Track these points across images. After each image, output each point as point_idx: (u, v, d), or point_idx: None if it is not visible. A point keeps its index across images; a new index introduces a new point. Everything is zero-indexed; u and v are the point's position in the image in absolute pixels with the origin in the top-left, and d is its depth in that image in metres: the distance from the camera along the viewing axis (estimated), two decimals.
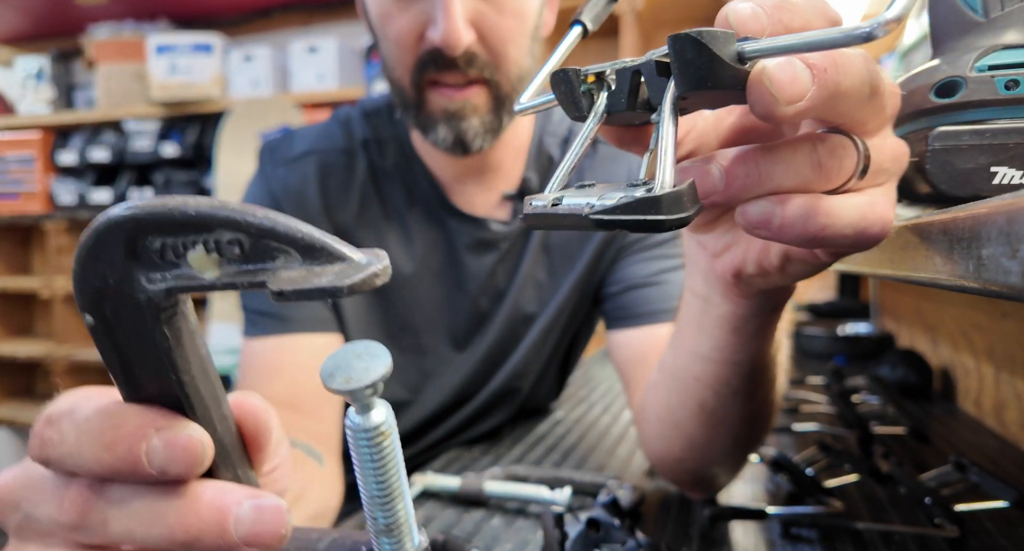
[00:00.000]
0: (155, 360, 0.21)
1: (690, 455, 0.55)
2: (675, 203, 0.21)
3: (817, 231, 0.24)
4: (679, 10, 2.19)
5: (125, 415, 0.22)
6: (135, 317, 0.20)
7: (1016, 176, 0.30)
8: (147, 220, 0.19)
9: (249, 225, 0.19)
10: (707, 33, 0.21)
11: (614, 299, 0.76)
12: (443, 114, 0.66)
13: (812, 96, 0.22)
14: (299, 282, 0.18)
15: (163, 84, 2.52)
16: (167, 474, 0.21)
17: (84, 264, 0.20)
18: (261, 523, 0.22)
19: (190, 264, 0.19)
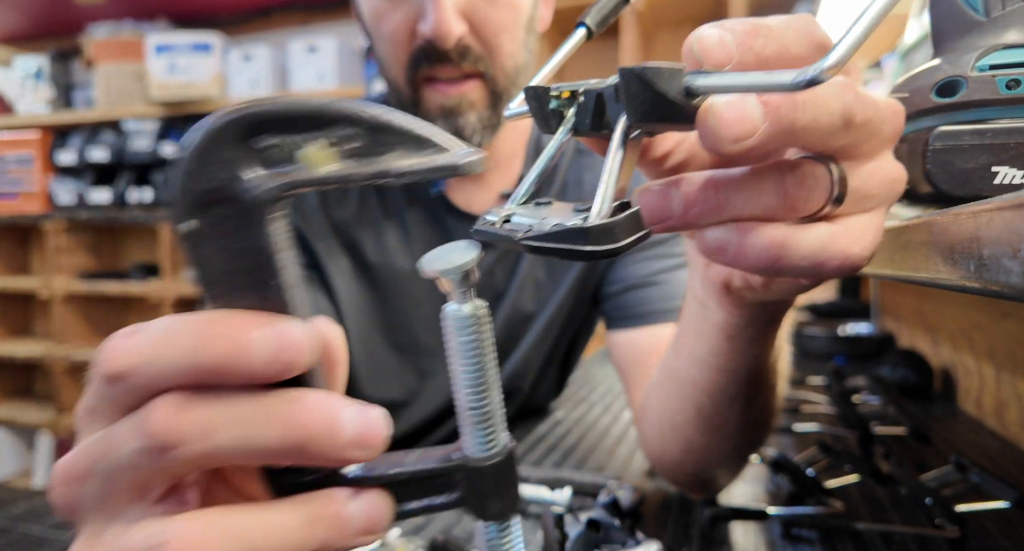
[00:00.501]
0: (257, 268, 0.20)
1: (689, 458, 0.55)
2: (605, 235, 0.22)
3: (771, 262, 0.24)
4: (679, 10, 2.18)
5: (224, 312, 0.21)
6: (241, 221, 0.20)
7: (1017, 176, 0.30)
8: (264, 116, 0.19)
9: (367, 118, 0.19)
10: (651, 69, 0.21)
11: (614, 299, 0.75)
12: (440, 111, 0.66)
13: (764, 133, 0.21)
14: (419, 165, 0.20)
15: (162, 84, 2.52)
16: (277, 360, 0.20)
17: (193, 165, 0.19)
18: (367, 425, 0.21)
19: (303, 161, 0.20)
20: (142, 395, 0.20)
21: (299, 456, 0.20)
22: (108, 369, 0.20)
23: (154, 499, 0.21)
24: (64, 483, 0.22)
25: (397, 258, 0.76)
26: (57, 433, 2.80)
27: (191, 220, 0.20)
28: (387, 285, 0.76)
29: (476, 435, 0.23)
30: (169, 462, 0.20)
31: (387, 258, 0.76)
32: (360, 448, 0.21)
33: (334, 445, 0.20)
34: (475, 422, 0.23)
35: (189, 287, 2.56)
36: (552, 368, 0.86)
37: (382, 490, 0.23)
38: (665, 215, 0.23)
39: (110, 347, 0.20)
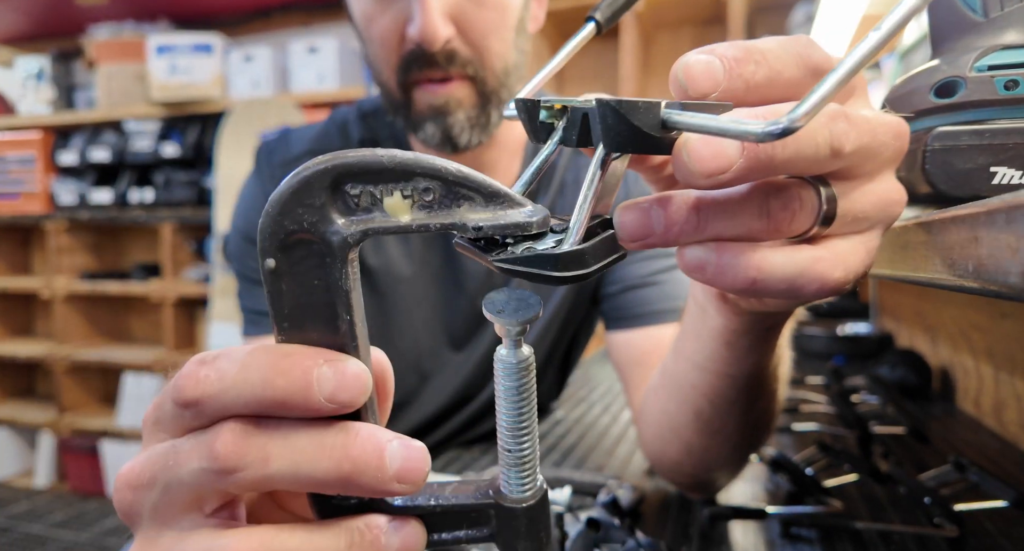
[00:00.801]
0: (329, 303, 0.22)
1: (688, 460, 0.55)
2: (574, 260, 0.22)
3: (748, 284, 0.23)
4: (679, 10, 2.19)
5: (292, 347, 0.22)
6: (320, 260, 0.21)
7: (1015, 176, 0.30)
8: (354, 168, 0.21)
9: (448, 172, 0.21)
10: (627, 104, 0.21)
11: (612, 299, 0.75)
12: (429, 110, 0.66)
13: (740, 168, 0.21)
14: (491, 220, 0.21)
15: (163, 84, 2.52)
16: (336, 400, 0.21)
17: (284, 207, 0.21)
18: (410, 460, 0.22)
19: (385, 209, 0.21)
20: (210, 419, 0.22)
21: (347, 488, 0.22)
22: (182, 396, 0.22)
23: (208, 512, 0.23)
24: (127, 488, 0.23)
25: (396, 262, 0.76)
26: (58, 433, 2.80)
27: (274, 258, 0.21)
28: (387, 289, 0.76)
29: (512, 476, 0.24)
30: (228, 484, 0.22)
31: (386, 262, 0.76)
32: (403, 483, 0.22)
33: (380, 479, 0.22)
34: (512, 464, 0.24)
35: (189, 287, 2.56)
36: (552, 368, 0.86)
37: (418, 521, 0.24)
38: (645, 233, 0.24)
39: (186, 374, 0.22)
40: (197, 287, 2.53)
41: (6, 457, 2.95)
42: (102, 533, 2.41)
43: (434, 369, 0.79)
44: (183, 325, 2.69)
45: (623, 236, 0.24)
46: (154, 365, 2.61)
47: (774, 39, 0.24)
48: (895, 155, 0.26)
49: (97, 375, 2.94)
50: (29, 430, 2.94)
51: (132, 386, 2.71)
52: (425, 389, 0.80)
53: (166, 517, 0.23)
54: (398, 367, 0.78)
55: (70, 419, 2.75)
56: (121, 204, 2.69)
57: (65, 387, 2.79)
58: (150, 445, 0.24)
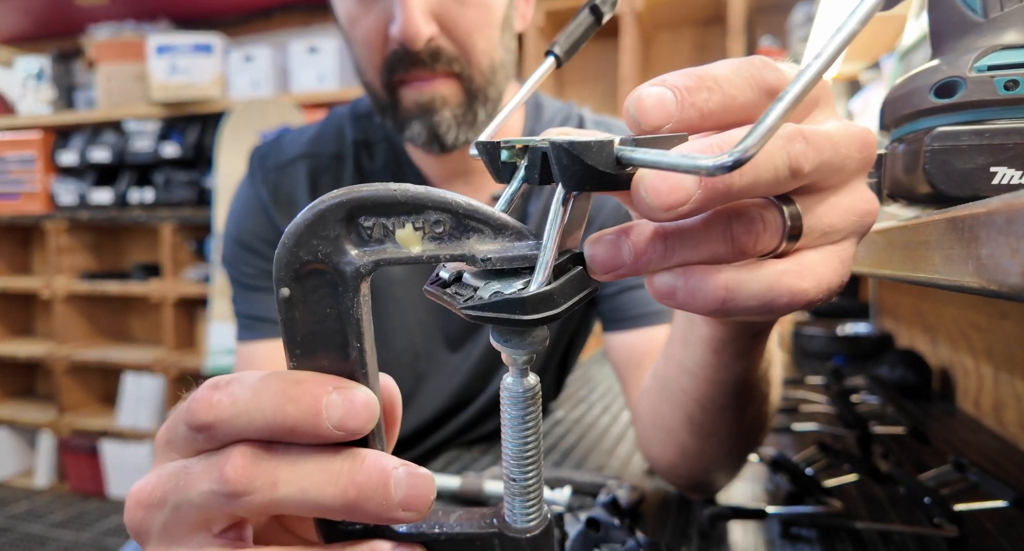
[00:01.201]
0: (340, 331, 0.23)
1: (684, 462, 0.55)
2: (542, 302, 0.22)
3: (719, 305, 0.24)
4: (678, 10, 2.19)
5: (303, 374, 0.23)
6: (333, 290, 0.22)
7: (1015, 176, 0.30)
8: (367, 202, 0.21)
9: (459, 206, 0.22)
10: (579, 145, 0.21)
11: (609, 301, 0.75)
12: (415, 108, 0.66)
13: (698, 200, 0.21)
14: (499, 252, 0.22)
15: (163, 84, 2.52)
16: (344, 427, 0.22)
17: (299, 239, 0.22)
18: (415, 487, 0.23)
19: (397, 241, 0.22)
20: (221, 442, 0.23)
21: (352, 514, 0.22)
22: (196, 420, 0.22)
23: (216, 532, 0.23)
24: (138, 507, 0.24)
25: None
26: (58, 433, 2.80)
27: (289, 287, 0.22)
28: (381, 291, 0.76)
29: (517, 505, 0.25)
30: (237, 506, 0.22)
31: None
32: (407, 510, 0.23)
33: (385, 506, 0.22)
34: (517, 493, 0.24)
35: (189, 287, 2.56)
36: (550, 370, 0.86)
37: (422, 548, 0.25)
38: (615, 265, 0.24)
39: (199, 398, 0.23)
40: (197, 287, 2.53)
41: (6, 457, 2.95)
42: (102, 533, 2.41)
43: (431, 370, 0.79)
44: (183, 325, 2.69)
45: (594, 268, 0.24)
46: (154, 365, 2.61)
47: (727, 63, 0.24)
48: (862, 166, 0.25)
49: (97, 375, 2.94)
50: (29, 430, 2.94)
51: (132, 386, 2.71)
52: (423, 391, 0.79)
53: (175, 536, 0.23)
54: (394, 369, 0.78)
55: (70, 419, 2.75)
56: (121, 204, 2.69)
57: (65, 387, 2.79)
58: (162, 464, 0.24)
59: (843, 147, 0.24)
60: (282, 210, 0.74)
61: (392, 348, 0.77)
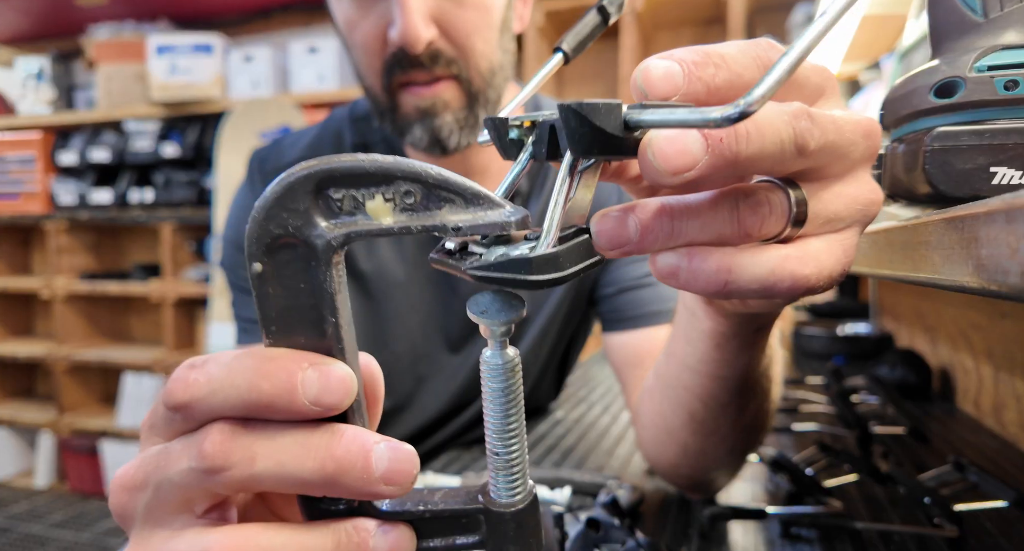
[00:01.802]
0: (315, 306, 0.22)
1: (685, 461, 0.55)
2: (548, 264, 0.22)
3: (720, 286, 0.24)
4: (678, 10, 2.19)
5: (278, 351, 0.23)
6: (306, 264, 0.22)
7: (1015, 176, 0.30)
8: (336, 172, 0.21)
9: (428, 175, 0.21)
10: (587, 106, 0.22)
11: (608, 301, 0.75)
12: (416, 113, 0.66)
13: (705, 165, 0.21)
14: (470, 221, 0.22)
15: (163, 84, 2.52)
16: (320, 403, 0.22)
17: (268, 212, 0.21)
18: (398, 462, 0.23)
19: (367, 212, 0.22)
20: (199, 422, 0.23)
21: (332, 488, 0.22)
22: (172, 399, 0.22)
23: (199, 512, 0.23)
24: (121, 490, 0.24)
25: (390, 266, 0.76)
26: (58, 433, 2.80)
27: (261, 262, 0.22)
28: (381, 294, 0.76)
29: (501, 480, 0.24)
30: (215, 483, 0.22)
31: (380, 266, 0.76)
32: (389, 485, 0.22)
33: (366, 480, 0.22)
34: (499, 467, 0.24)
35: (189, 287, 2.56)
36: (550, 370, 0.86)
37: (407, 526, 0.24)
38: (621, 241, 0.24)
39: (176, 378, 0.23)
40: (197, 287, 2.53)
41: (6, 457, 2.95)
42: (102, 533, 2.41)
43: (431, 372, 0.79)
44: (183, 325, 2.69)
45: (600, 244, 0.24)
46: (154, 365, 2.61)
47: (734, 43, 0.24)
48: (867, 154, 0.26)
49: (97, 375, 2.94)
50: (29, 430, 2.94)
51: (132, 386, 2.71)
52: (423, 392, 0.79)
53: (158, 517, 0.23)
54: (395, 370, 0.78)
55: (70, 419, 2.75)
56: (121, 204, 2.69)
57: (65, 387, 2.79)
58: (145, 448, 0.24)
59: (848, 132, 0.25)
60: None
61: (393, 350, 0.77)
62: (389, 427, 0.79)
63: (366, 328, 0.76)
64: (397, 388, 0.78)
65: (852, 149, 0.25)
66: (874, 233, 0.36)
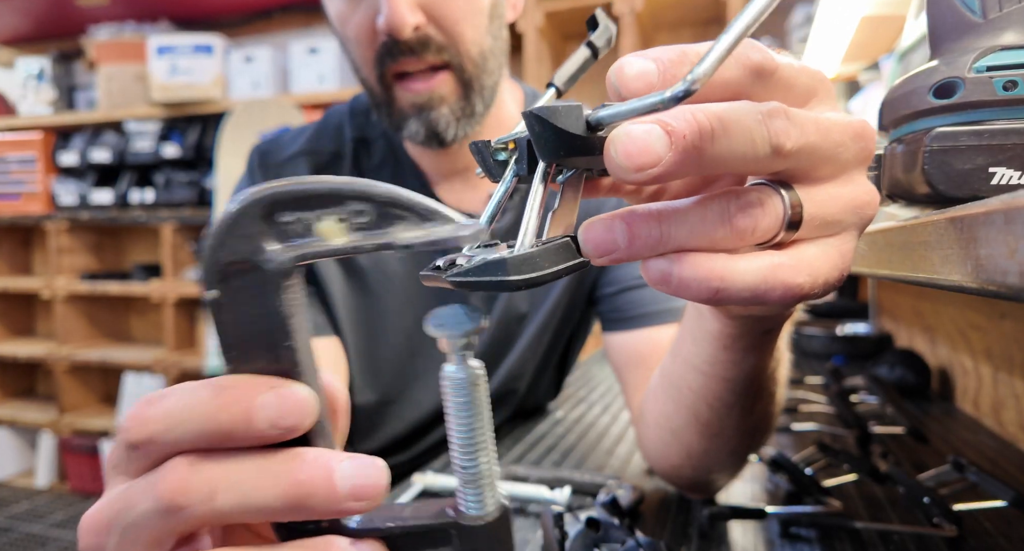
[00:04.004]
0: (272, 331, 0.22)
1: (688, 463, 0.55)
2: (525, 264, 0.22)
3: (711, 293, 0.23)
4: (678, 11, 2.19)
5: (234, 378, 0.22)
6: (259, 289, 0.22)
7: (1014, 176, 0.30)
8: (284, 196, 0.21)
9: (377, 195, 0.21)
10: (547, 109, 0.22)
11: (609, 301, 0.75)
12: (412, 108, 0.66)
13: (670, 162, 0.21)
14: (421, 237, 0.22)
15: (164, 85, 2.52)
16: (279, 425, 0.22)
17: (220, 240, 0.21)
18: (364, 477, 0.22)
19: (319, 234, 0.22)
20: (159, 458, 0.23)
21: (299, 512, 0.22)
22: (129, 438, 0.22)
23: (168, 549, 0.23)
24: (88, 534, 0.23)
25: (388, 261, 0.76)
26: (59, 433, 2.80)
27: (215, 289, 0.22)
28: (380, 289, 0.76)
29: (470, 494, 0.24)
30: (178, 521, 0.22)
31: (378, 262, 0.76)
32: (358, 500, 0.22)
33: (331, 499, 0.22)
34: (467, 481, 0.24)
35: (190, 287, 2.56)
36: (549, 369, 0.86)
37: (379, 542, 0.24)
38: (610, 248, 0.23)
39: (132, 416, 0.22)
40: (197, 287, 2.53)
41: (6, 457, 2.95)
42: None
43: (428, 367, 0.79)
44: (183, 325, 2.69)
45: (589, 252, 0.24)
46: (155, 365, 2.61)
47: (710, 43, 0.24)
48: (859, 156, 0.25)
49: (97, 375, 2.94)
50: (30, 430, 2.94)
51: (132, 386, 2.71)
52: (419, 387, 0.79)
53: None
54: (391, 365, 0.78)
55: (70, 419, 2.75)
56: (122, 204, 2.69)
57: (66, 387, 2.79)
58: (110, 488, 0.24)
59: (835, 134, 0.24)
60: None
61: (391, 344, 0.77)
62: (385, 422, 0.79)
63: (366, 323, 0.76)
64: (393, 382, 0.78)
65: (840, 151, 0.25)
66: (873, 233, 0.36)
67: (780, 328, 0.39)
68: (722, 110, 0.22)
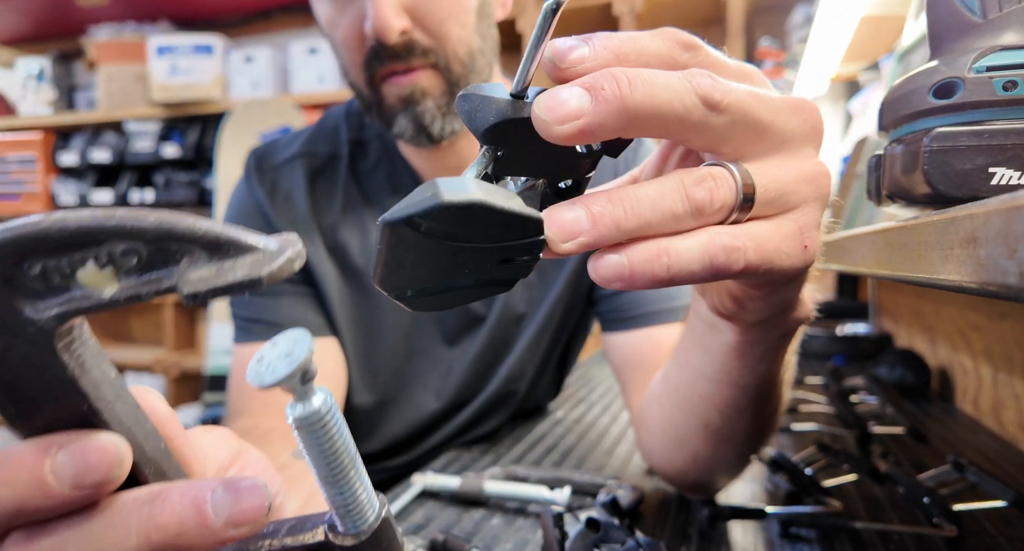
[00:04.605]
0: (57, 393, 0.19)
1: (693, 467, 0.55)
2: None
3: (664, 270, 0.24)
4: (677, 11, 2.19)
5: (15, 448, 0.20)
6: (27, 352, 0.18)
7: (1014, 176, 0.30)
8: (19, 243, 0.17)
9: (144, 230, 0.17)
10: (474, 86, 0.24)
11: (608, 301, 0.75)
12: (398, 102, 0.66)
13: (593, 112, 0.22)
14: (211, 280, 0.18)
15: (164, 85, 2.52)
16: (84, 484, 0.19)
17: None
18: (241, 501, 0.21)
19: (81, 283, 0.17)
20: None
21: None
22: None
23: None
24: None
25: None
26: None
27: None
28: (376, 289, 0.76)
29: (342, 515, 0.23)
30: None
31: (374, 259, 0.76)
32: (240, 526, 0.21)
33: (208, 533, 0.20)
34: (338, 506, 0.23)
35: None
36: (548, 370, 0.86)
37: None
38: (576, 231, 0.24)
39: None
40: None
41: None
42: None
43: (426, 366, 0.79)
44: (183, 326, 2.69)
45: (555, 237, 0.24)
46: (154, 365, 2.61)
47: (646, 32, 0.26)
48: (803, 129, 0.27)
49: None
50: None
51: None
52: (417, 386, 0.79)
53: None
54: (388, 365, 0.78)
55: None
56: (121, 205, 2.69)
57: None
58: None
59: (770, 102, 0.25)
60: (279, 209, 0.75)
61: (388, 343, 0.77)
62: (384, 423, 0.79)
63: (364, 324, 0.76)
64: (392, 382, 0.78)
65: (781, 119, 0.26)
66: (873, 233, 0.36)
67: (794, 333, 0.39)
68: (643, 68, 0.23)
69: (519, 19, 2.11)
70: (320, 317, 0.75)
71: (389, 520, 0.24)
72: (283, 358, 0.20)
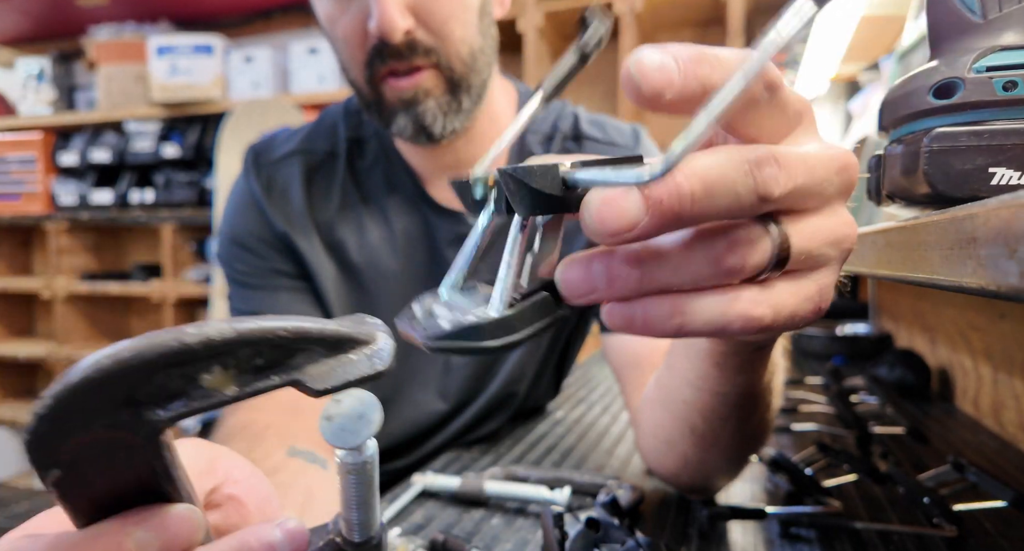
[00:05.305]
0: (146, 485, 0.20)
1: (685, 470, 0.56)
2: (501, 329, 0.22)
3: (675, 329, 0.23)
4: (678, 11, 2.19)
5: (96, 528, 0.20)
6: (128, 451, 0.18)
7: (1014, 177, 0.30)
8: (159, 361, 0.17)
9: (280, 339, 0.18)
10: (522, 170, 0.22)
11: None
12: (399, 104, 0.66)
13: (647, 225, 0.21)
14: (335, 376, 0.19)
15: (164, 85, 2.52)
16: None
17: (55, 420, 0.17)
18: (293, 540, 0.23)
19: (205, 387, 0.18)
20: None
21: None
22: None
23: None
24: None
25: (381, 258, 0.76)
26: None
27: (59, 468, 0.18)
28: (373, 286, 0.76)
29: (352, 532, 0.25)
30: None
31: (371, 258, 0.76)
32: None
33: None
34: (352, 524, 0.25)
35: (190, 287, 2.56)
36: (548, 371, 0.86)
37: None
38: (589, 290, 0.23)
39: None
40: (198, 288, 2.53)
41: (6, 457, 2.95)
42: None
43: (424, 364, 0.79)
44: None
45: (567, 293, 0.23)
46: None
47: (728, 49, 0.23)
48: (841, 189, 0.25)
49: None
50: None
51: None
52: (416, 385, 0.79)
53: None
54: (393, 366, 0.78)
55: None
56: (122, 205, 2.69)
57: None
58: None
59: (820, 170, 0.24)
60: (276, 205, 0.75)
61: None
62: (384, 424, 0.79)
63: None
64: (390, 382, 0.78)
65: (825, 186, 0.24)
66: (873, 233, 0.36)
67: (771, 346, 0.39)
68: (706, 169, 0.21)
69: (519, 19, 2.11)
70: (317, 312, 0.75)
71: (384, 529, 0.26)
72: (357, 420, 0.22)
